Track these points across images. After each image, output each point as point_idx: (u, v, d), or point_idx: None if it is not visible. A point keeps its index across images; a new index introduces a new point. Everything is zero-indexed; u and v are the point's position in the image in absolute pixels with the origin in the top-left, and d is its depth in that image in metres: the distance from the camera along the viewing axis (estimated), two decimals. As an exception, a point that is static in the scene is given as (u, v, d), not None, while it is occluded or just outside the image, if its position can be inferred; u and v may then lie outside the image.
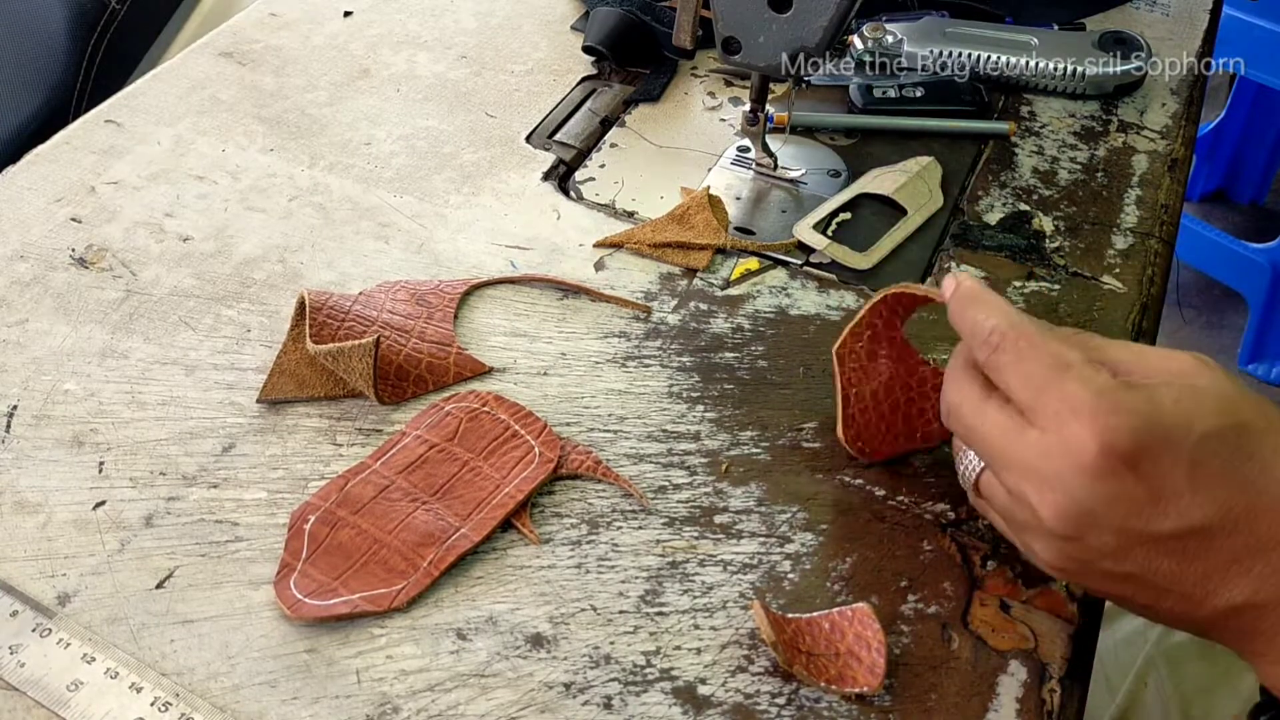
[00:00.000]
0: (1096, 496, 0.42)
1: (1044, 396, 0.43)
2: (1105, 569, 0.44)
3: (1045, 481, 0.43)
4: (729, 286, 0.65)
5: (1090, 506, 0.42)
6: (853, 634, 0.47)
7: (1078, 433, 0.42)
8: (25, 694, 0.45)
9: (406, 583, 0.49)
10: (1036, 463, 0.43)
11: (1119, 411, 0.42)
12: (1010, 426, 0.45)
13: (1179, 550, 0.43)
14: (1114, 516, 0.42)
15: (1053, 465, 0.43)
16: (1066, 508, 0.43)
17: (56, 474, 0.53)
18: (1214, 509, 0.42)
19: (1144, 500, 0.42)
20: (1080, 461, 0.42)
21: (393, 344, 0.58)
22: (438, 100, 0.78)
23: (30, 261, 0.64)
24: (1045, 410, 0.43)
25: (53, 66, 0.98)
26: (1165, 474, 0.42)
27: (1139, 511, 0.42)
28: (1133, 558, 0.43)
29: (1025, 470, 0.44)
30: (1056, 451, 0.43)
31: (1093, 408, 0.42)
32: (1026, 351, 0.44)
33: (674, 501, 0.53)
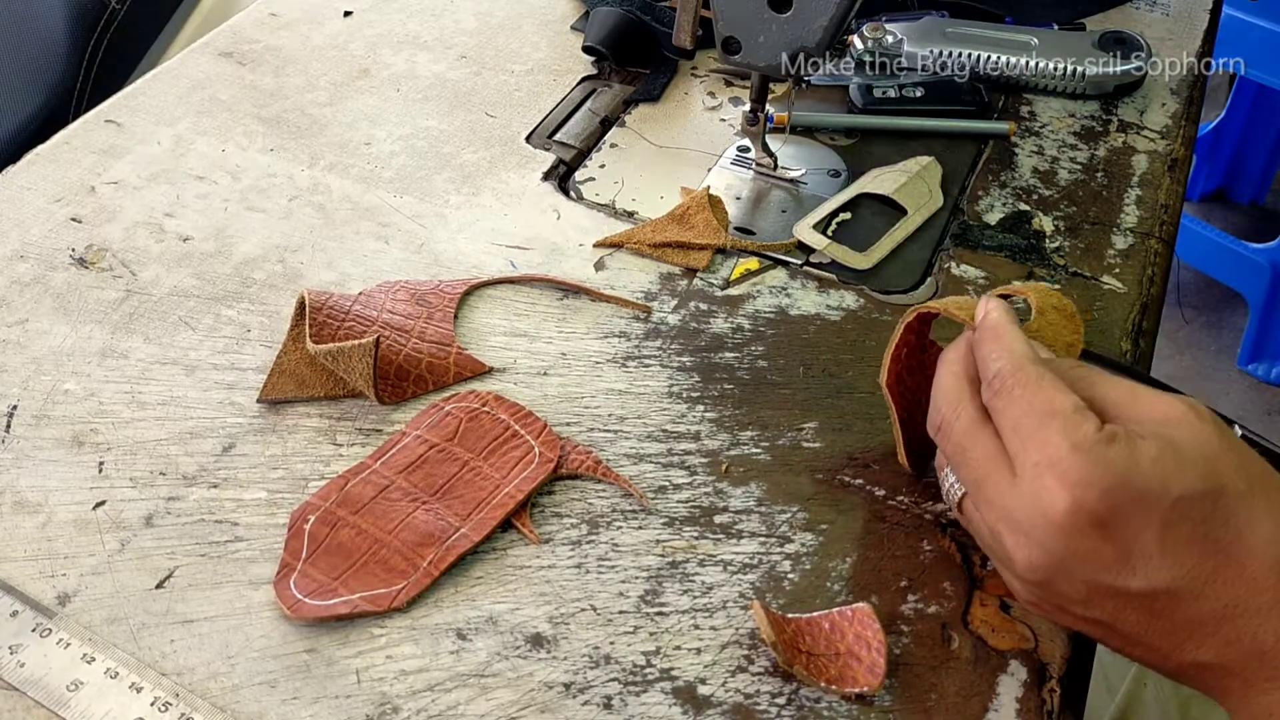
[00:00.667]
0: (1066, 550, 0.43)
1: (1027, 445, 0.44)
2: (1075, 613, 0.45)
3: (1019, 529, 0.44)
4: (729, 286, 0.65)
5: (1060, 559, 0.43)
6: (853, 634, 0.47)
7: (1051, 487, 0.42)
8: (25, 694, 0.45)
9: (406, 583, 0.49)
10: (1012, 509, 0.44)
11: (1094, 469, 0.42)
12: (996, 466, 0.45)
13: (1146, 607, 0.43)
14: (1083, 571, 0.43)
15: (1026, 515, 0.43)
16: (1036, 558, 0.43)
17: (56, 474, 0.53)
18: (1181, 572, 0.42)
19: (1111, 559, 0.42)
20: (1050, 516, 0.42)
21: (393, 344, 0.58)
22: (438, 100, 0.78)
23: (30, 261, 0.64)
24: (1026, 460, 0.44)
25: (53, 66, 0.98)
26: (1135, 535, 0.42)
27: (1106, 568, 0.42)
28: (1101, 608, 0.44)
29: (1002, 513, 0.45)
30: (1030, 502, 0.43)
31: (1068, 464, 0.42)
32: (1020, 399, 0.45)
33: (674, 501, 0.53)
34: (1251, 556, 0.42)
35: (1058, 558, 0.43)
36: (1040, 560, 0.43)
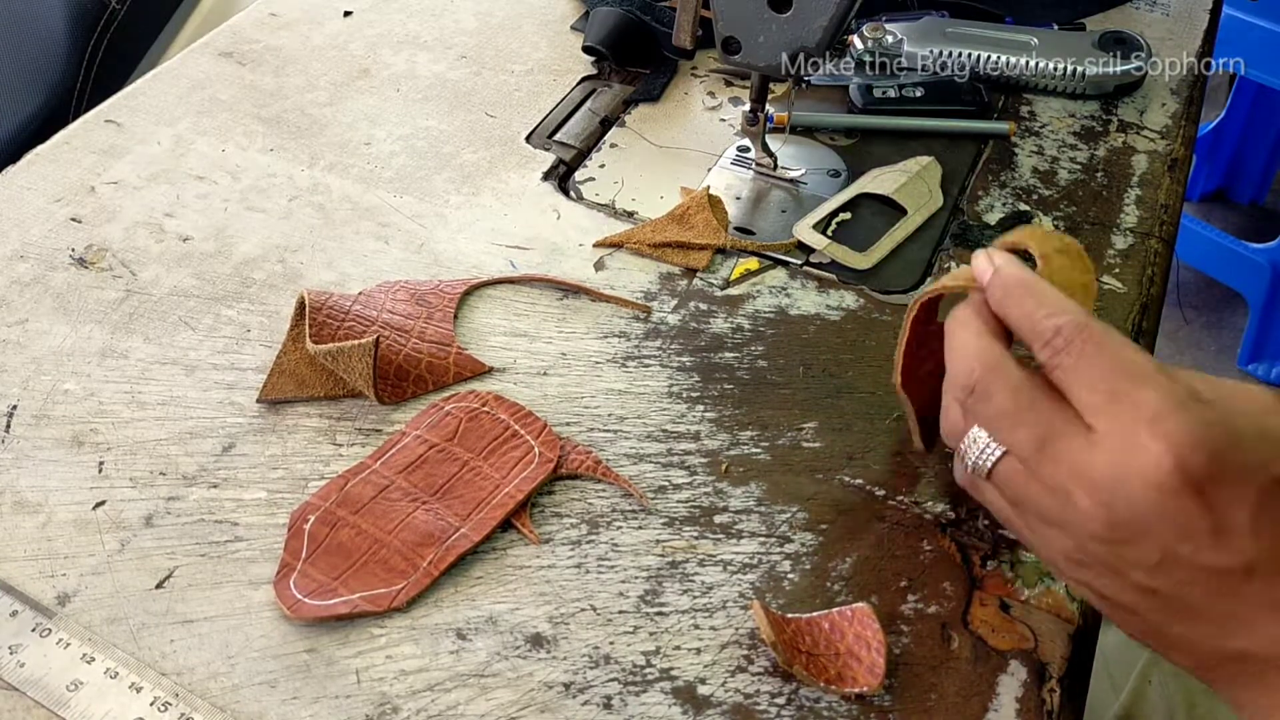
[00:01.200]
0: (1156, 512, 0.40)
1: (1117, 402, 0.41)
2: (1133, 580, 0.42)
3: (1102, 485, 0.41)
4: (729, 286, 0.65)
5: (1146, 520, 0.40)
6: (853, 634, 0.47)
7: (1150, 444, 0.40)
8: (25, 694, 0.45)
9: (406, 583, 0.49)
10: (1094, 465, 0.41)
11: (1200, 430, 0.39)
12: (1067, 422, 0.42)
13: (1216, 584, 0.41)
14: (1166, 536, 0.40)
15: (1113, 472, 0.41)
16: (1121, 516, 0.41)
17: (56, 474, 0.53)
18: (1266, 555, 0.40)
19: (1202, 528, 0.40)
20: (1148, 473, 0.40)
21: (393, 344, 0.58)
22: (438, 100, 0.78)
23: (30, 261, 0.64)
24: (1117, 416, 0.41)
25: (53, 66, 0.98)
26: (1230, 508, 0.40)
27: (1193, 538, 0.40)
28: (1168, 577, 0.41)
29: (1079, 470, 0.42)
30: (1122, 458, 0.40)
31: (1172, 422, 0.40)
32: (1097, 356, 0.42)
33: (674, 501, 0.53)
34: None
35: (1145, 519, 0.40)
36: (1125, 518, 0.40)
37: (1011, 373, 0.44)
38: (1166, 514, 0.40)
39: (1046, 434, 0.43)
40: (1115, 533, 0.41)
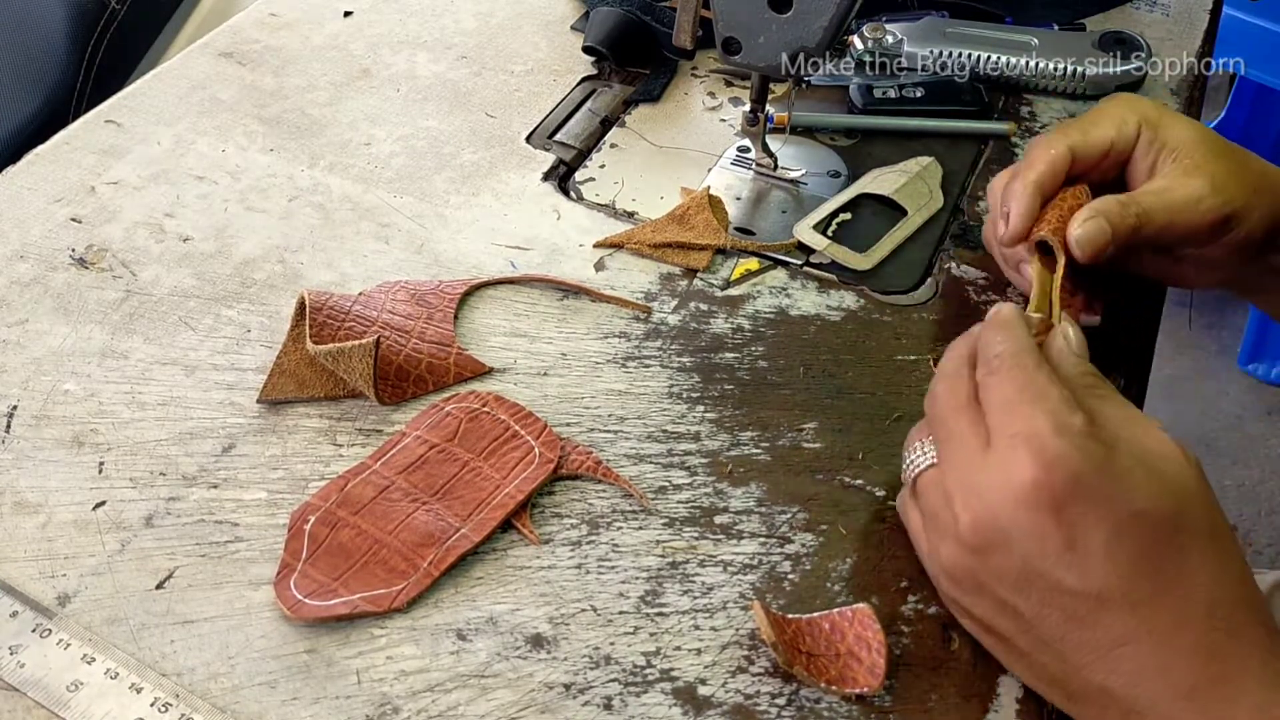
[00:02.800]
0: (1014, 522, 0.43)
1: (1011, 419, 0.44)
2: (998, 596, 0.44)
3: (974, 491, 0.44)
4: (729, 287, 0.65)
5: (1005, 528, 0.43)
6: (853, 634, 0.47)
7: (1021, 459, 0.43)
8: (25, 694, 0.45)
9: (406, 583, 0.49)
10: (975, 473, 0.44)
11: (1070, 454, 0.42)
12: (972, 435, 0.45)
13: (1070, 609, 0.43)
14: (1023, 547, 0.43)
15: (987, 480, 0.43)
16: (984, 520, 0.43)
17: (56, 474, 0.53)
18: (1117, 583, 0.42)
19: (1055, 545, 0.42)
20: (1011, 485, 0.43)
21: (393, 344, 0.58)
22: (438, 100, 0.78)
23: (30, 261, 0.64)
24: (1004, 431, 0.44)
25: (53, 66, 0.98)
26: (1086, 529, 0.42)
27: (1047, 553, 0.42)
28: (1025, 596, 0.43)
29: (962, 477, 0.45)
30: (996, 469, 0.43)
31: (1045, 442, 0.42)
32: (1013, 378, 0.45)
33: (674, 502, 0.53)
34: (1190, 596, 0.42)
35: (1004, 526, 0.43)
36: (986, 523, 0.43)
37: (960, 388, 0.47)
38: (1024, 526, 0.42)
39: (956, 442, 0.46)
40: (979, 538, 0.44)
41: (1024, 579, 0.43)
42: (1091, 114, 0.59)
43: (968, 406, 0.47)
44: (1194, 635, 0.42)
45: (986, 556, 0.44)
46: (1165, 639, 0.42)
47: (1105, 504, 0.42)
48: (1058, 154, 0.57)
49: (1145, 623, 0.42)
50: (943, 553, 0.46)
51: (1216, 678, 0.42)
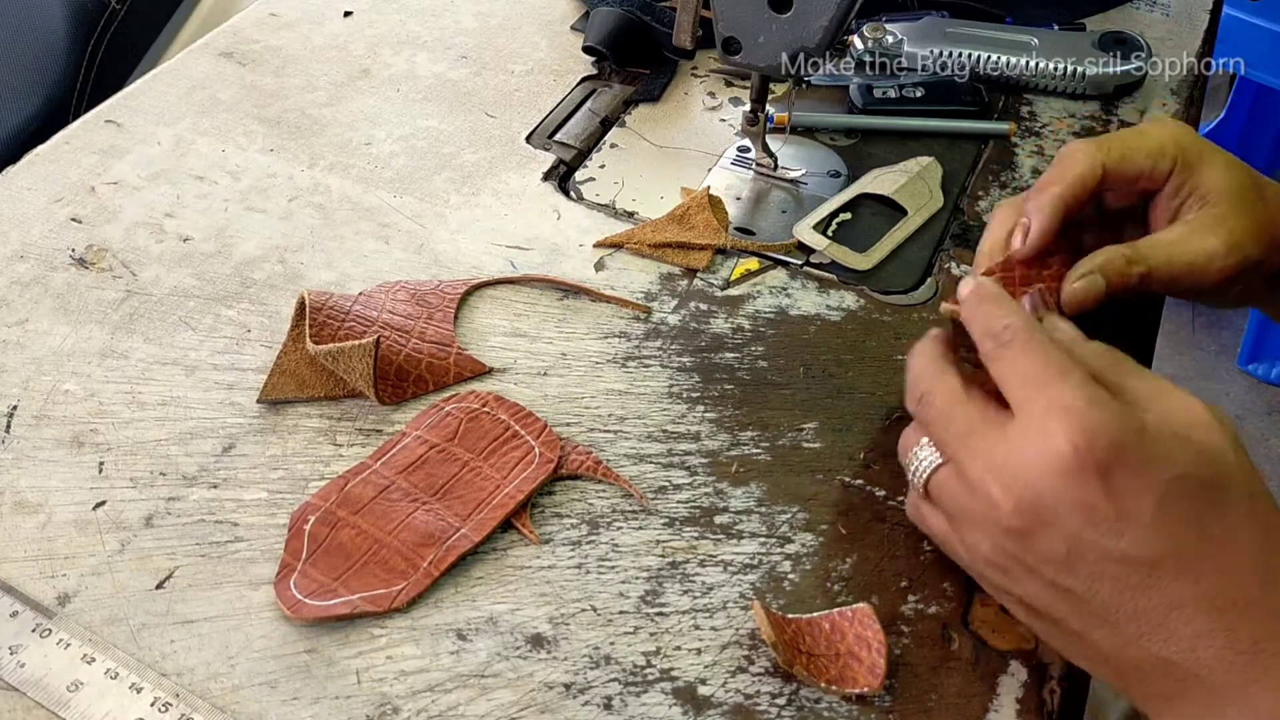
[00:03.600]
0: (1059, 495, 0.42)
1: (1035, 393, 0.43)
2: (1046, 578, 0.43)
3: (1012, 473, 0.43)
4: (729, 287, 0.65)
5: (1051, 504, 0.42)
6: (853, 634, 0.47)
7: (1056, 430, 0.42)
8: (25, 694, 0.45)
9: (406, 583, 0.49)
10: (1008, 454, 0.43)
11: (1107, 420, 0.42)
12: (989, 418, 0.44)
13: (1123, 578, 0.42)
14: (1071, 521, 0.42)
15: (1024, 457, 0.42)
16: (1028, 500, 0.42)
17: (56, 474, 0.53)
18: (1170, 547, 0.41)
19: (1105, 514, 0.41)
20: (1051, 457, 0.42)
21: (393, 344, 0.58)
22: (438, 100, 0.78)
23: (30, 261, 0.64)
24: (1032, 407, 0.43)
25: (53, 66, 0.98)
26: (1133, 495, 0.41)
27: (1097, 523, 0.42)
28: (1076, 571, 0.42)
29: (993, 461, 0.44)
30: (1031, 446, 0.42)
31: (1080, 411, 0.42)
32: (1033, 351, 0.44)
33: (674, 502, 0.53)
34: (1239, 555, 0.42)
35: (1049, 502, 0.42)
36: (1031, 502, 0.42)
37: (951, 377, 0.47)
38: (1069, 498, 0.42)
39: (971, 428, 0.45)
40: (1022, 519, 0.43)
41: (1074, 554, 0.42)
42: (1130, 134, 0.57)
43: (968, 395, 0.46)
44: (1248, 593, 0.42)
45: (1033, 538, 0.43)
46: (1220, 598, 0.41)
47: (1149, 470, 0.41)
48: (1089, 172, 0.55)
49: (1199, 584, 0.41)
50: (983, 546, 0.45)
51: (1273, 632, 0.41)
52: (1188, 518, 0.42)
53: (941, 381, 0.47)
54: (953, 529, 0.47)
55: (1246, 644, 0.41)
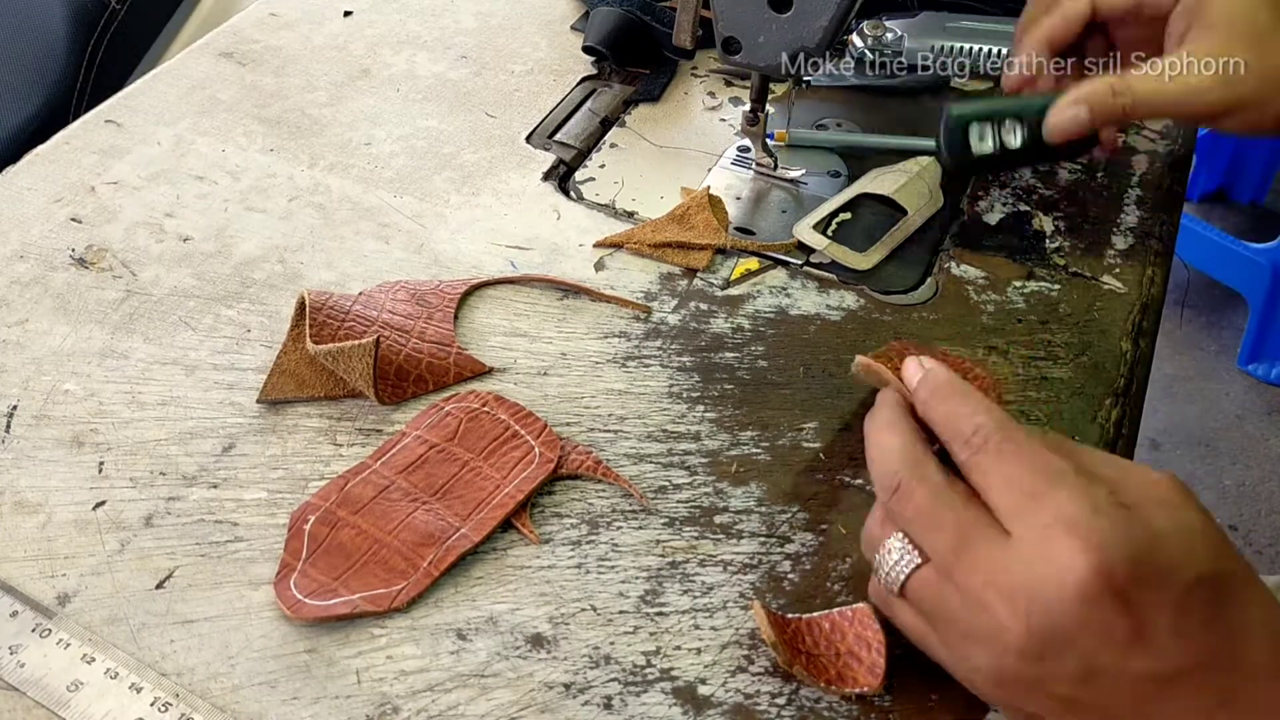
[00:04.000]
0: (1077, 621, 0.39)
1: (1033, 504, 0.40)
2: (1058, 693, 0.40)
3: (1018, 594, 0.39)
4: (729, 286, 0.65)
5: (1067, 629, 0.39)
6: (853, 634, 0.47)
7: (1069, 550, 0.39)
8: (25, 694, 0.45)
9: (406, 583, 0.49)
10: (1011, 572, 0.40)
11: (1118, 533, 0.39)
12: (983, 527, 0.41)
13: (1143, 692, 0.40)
14: (1089, 644, 0.39)
15: (1034, 579, 0.39)
16: (1040, 626, 0.39)
17: (56, 474, 0.53)
18: (1191, 658, 0.39)
19: (1125, 635, 0.39)
20: (1067, 581, 0.38)
21: (393, 344, 0.58)
22: (438, 100, 0.78)
23: (30, 261, 0.64)
24: (1033, 520, 0.40)
25: (53, 66, 0.98)
26: (1153, 611, 0.39)
27: (1117, 645, 0.39)
28: (1092, 688, 0.40)
29: (995, 577, 0.40)
30: (1041, 565, 0.39)
31: (1088, 526, 0.39)
32: (1015, 455, 0.42)
33: (674, 502, 0.53)
34: (1252, 641, 0.40)
35: (1065, 627, 0.39)
36: (1042, 628, 0.39)
37: (933, 474, 0.43)
38: (1088, 623, 0.39)
39: (964, 537, 0.41)
40: (1035, 644, 0.39)
41: (1090, 674, 0.39)
42: None
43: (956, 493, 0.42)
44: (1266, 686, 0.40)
45: (1044, 661, 0.40)
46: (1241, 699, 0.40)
47: (1166, 581, 0.39)
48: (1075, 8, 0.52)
49: (1222, 690, 0.39)
50: (983, 663, 0.41)
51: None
52: (1206, 620, 0.40)
53: (920, 477, 0.43)
54: (937, 635, 0.44)
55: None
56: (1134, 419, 0.60)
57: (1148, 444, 1.79)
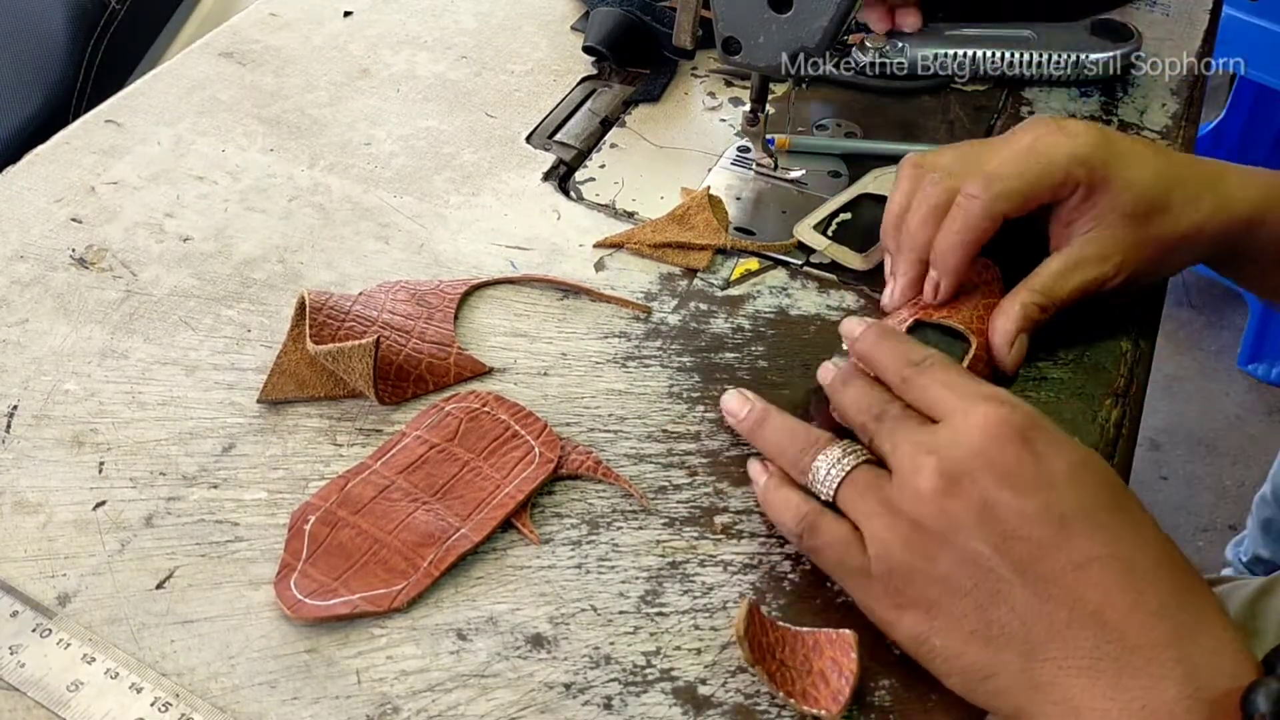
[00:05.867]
0: (981, 455, 0.45)
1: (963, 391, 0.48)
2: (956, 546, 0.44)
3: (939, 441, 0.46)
4: (729, 287, 0.65)
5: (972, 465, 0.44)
6: (829, 656, 0.46)
7: (984, 407, 0.46)
8: (25, 694, 0.45)
9: (407, 583, 0.49)
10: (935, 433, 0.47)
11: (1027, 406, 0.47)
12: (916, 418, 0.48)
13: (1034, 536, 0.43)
14: (988, 480, 0.44)
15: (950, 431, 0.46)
16: (950, 460, 0.45)
17: (56, 474, 0.53)
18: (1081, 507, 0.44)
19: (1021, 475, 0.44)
20: (977, 422, 0.45)
21: (393, 344, 0.58)
22: (438, 100, 0.78)
23: (30, 261, 0.64)
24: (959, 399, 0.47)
25: (53, 66, 0.98)
26: (1048, 459, 0.44)
27: (1013, 483, 0.44)
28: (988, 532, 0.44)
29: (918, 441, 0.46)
30: (960, 421, 0.46)
31: (1004, 396, 0.47)
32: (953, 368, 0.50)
33: (674, 502, 0.53)
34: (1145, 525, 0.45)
35: (970, 465, 0.44)
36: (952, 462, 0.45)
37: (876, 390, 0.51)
38: (990, 456, 0.45)
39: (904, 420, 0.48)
40: (942, 480, 0.45)
41: (987, 513, 0.44)
42: (1035, 166, 0.58)
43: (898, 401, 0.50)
44: (1155, 556, 0.44)
45: (948, 498, 0.44)
46: (1130, 558, 0.43)
47: (1061, 442, 0.46)
48: (990, 225, 0.58)
49: (1110, 544, 0.43)
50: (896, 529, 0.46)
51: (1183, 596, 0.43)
52: (1099, 484, 0.45)
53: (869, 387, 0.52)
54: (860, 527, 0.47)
55: (1153, 606, 0.42)
56: (1134, 419, 0.60)
57: (1148, 444, 1.79)
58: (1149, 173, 0.58)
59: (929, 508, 0.45)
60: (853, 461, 0.49)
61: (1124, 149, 0.59)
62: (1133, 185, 0.58)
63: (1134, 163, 0.58)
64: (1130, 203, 0.58)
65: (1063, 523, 0.43)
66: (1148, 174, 0.58)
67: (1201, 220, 0.59)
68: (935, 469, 0.45)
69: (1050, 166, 0.57)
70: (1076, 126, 0.59)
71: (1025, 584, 0.43)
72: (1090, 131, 0.58)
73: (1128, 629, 0.42)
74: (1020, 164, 0.58)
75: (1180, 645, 0.42)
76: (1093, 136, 0.58)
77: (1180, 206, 0.58)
